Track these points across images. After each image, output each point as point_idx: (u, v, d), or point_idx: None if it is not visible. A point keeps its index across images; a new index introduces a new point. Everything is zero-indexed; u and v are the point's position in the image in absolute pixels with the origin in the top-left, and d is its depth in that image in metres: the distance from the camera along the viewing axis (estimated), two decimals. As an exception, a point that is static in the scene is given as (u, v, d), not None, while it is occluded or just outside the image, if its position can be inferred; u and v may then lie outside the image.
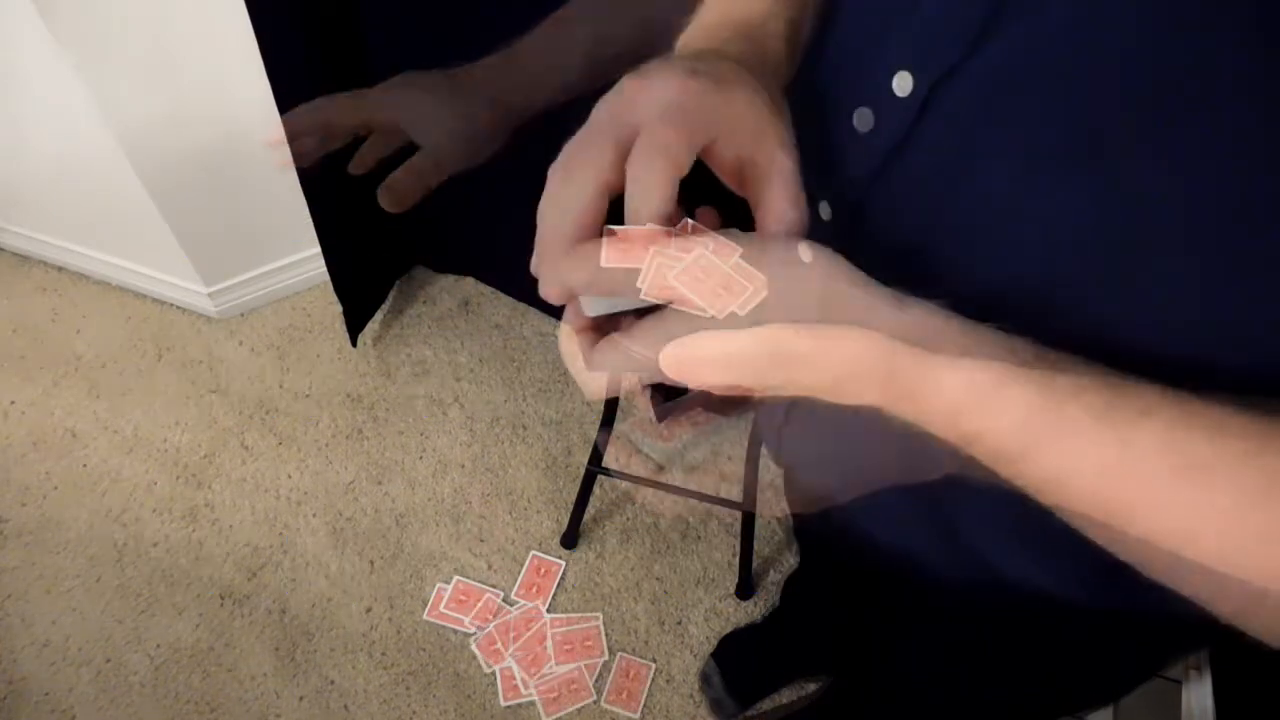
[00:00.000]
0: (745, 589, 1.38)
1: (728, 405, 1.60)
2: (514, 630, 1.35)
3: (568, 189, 0.31)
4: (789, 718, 1.26)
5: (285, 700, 1.29)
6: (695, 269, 0.30)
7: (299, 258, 1.74)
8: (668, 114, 0.30)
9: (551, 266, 0.31)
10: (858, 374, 0.31)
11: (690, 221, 0.32)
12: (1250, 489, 0.28)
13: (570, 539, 1.44)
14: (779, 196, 0.33)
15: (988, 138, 0.32)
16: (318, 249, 1.57)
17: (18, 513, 1.47)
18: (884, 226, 0.39)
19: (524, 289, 1.74)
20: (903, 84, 0.34)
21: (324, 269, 1.59)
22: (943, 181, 0.35)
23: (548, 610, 1.37)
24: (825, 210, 0.43)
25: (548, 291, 0.32)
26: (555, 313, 1.70)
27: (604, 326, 0.34)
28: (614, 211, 0.32)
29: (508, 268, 1.71)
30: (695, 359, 0.30)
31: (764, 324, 0.30)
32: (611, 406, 1.23)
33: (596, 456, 1.30)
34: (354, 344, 1.70)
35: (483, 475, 1.53)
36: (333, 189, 1.46)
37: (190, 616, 1.36)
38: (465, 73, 0.61)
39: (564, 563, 1.42)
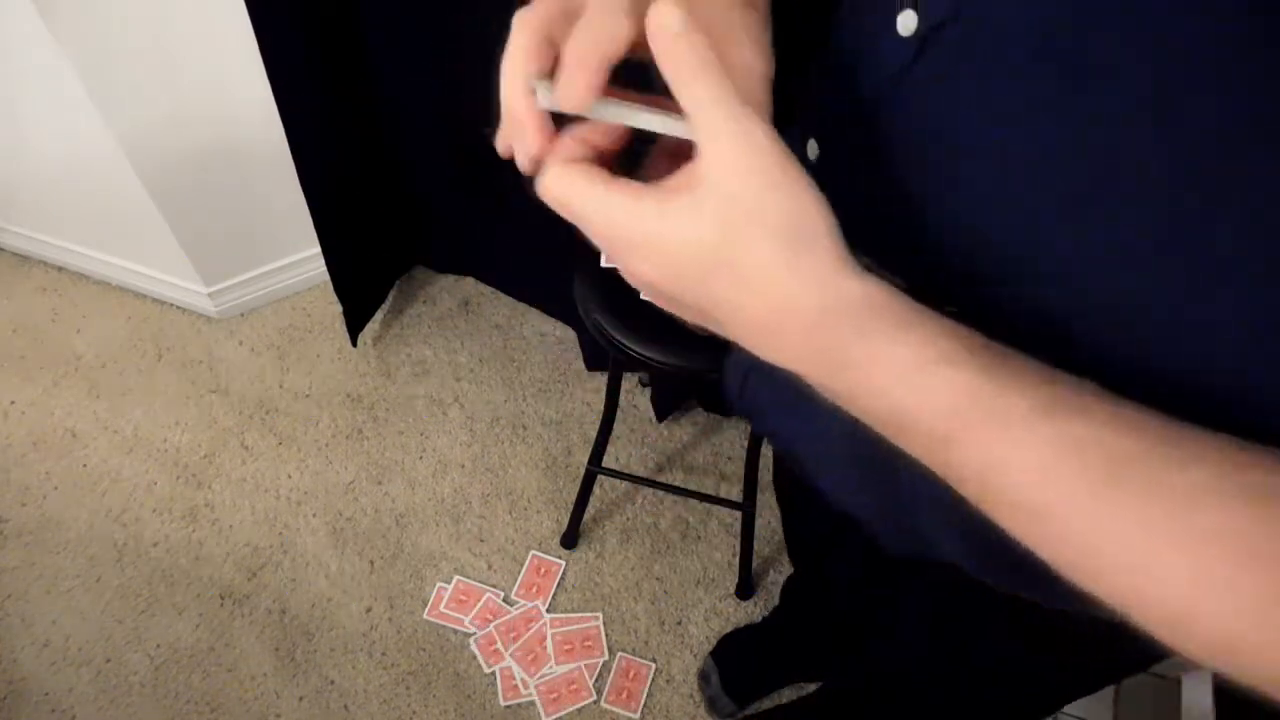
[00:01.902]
0: (745, 589, 1.38)
1: (728, 405, 1.60)
2: (514, 630, 1.35)
3: (514, 36, 0.33)
4: (787, 717, 1.26)
5: (285, 700, 1.29)
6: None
7: (299, 258, 1.74)
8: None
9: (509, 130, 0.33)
10: (782, 331, 0.30)
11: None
12: (1171, 498, 0.27)
13: (570, 539, 1.44)
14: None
15: (968, 84, 0.32)
16: (318, 249, 1.57)
17: (18, 513, 1.47)
18: (871, 161, 0.39)
19: (524, 289, 1.74)
20: (907, 23, 0.34)
21: (324, 269, 1.59)
22: (927, 119, 0.35)
23: (548, 610, 1.37)
24: (812, 149, 0.43)
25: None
26: (555, 313, 1.71)
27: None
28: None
29: (508, 268, 1.71)
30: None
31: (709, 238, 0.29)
32: (612, 407, 1.23)
33: (596, 456, 1.29)
34: (354, 344, 1.70)
35: (483, 475, 1.53)
36: (333, 189, 1.46)
37: (190, 616, 1.36)
38: None
39: (564, 563, 1.42)
